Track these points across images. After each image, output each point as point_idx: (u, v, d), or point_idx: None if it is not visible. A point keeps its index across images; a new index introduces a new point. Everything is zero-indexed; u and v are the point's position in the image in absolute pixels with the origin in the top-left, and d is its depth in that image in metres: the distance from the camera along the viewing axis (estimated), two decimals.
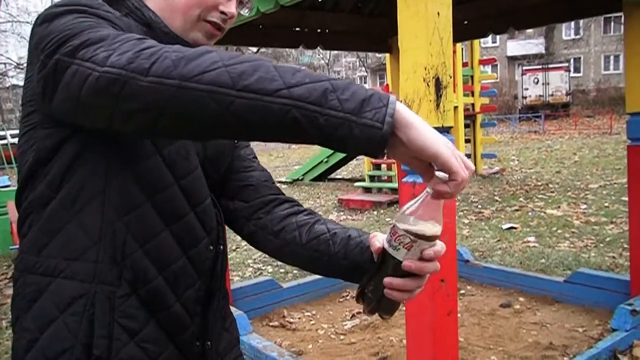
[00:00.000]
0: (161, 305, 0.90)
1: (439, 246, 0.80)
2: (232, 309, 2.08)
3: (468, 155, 10.08)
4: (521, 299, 3.86)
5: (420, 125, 0.71)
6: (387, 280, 0.80)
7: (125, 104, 0.70)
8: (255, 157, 1.14)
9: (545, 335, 3.25)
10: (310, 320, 3.72)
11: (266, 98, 0.67)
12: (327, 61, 43.79)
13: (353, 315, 3.75)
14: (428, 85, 2.00)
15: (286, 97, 0.67)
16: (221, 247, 1.01)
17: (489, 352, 3.09)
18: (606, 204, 6.79)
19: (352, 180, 11.20)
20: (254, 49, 24.81)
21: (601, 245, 5.14)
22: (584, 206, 6.90)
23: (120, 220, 0.86)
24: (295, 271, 4.92)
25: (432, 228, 0.77)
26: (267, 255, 4.35)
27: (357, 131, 0.68)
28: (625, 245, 4.58)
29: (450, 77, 2.04)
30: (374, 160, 9.38)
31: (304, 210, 1.08)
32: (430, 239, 0.78)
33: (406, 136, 0.71)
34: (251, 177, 1.10)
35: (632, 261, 3.36)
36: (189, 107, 0.68)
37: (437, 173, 0.74)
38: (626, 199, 3.45)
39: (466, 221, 6.62)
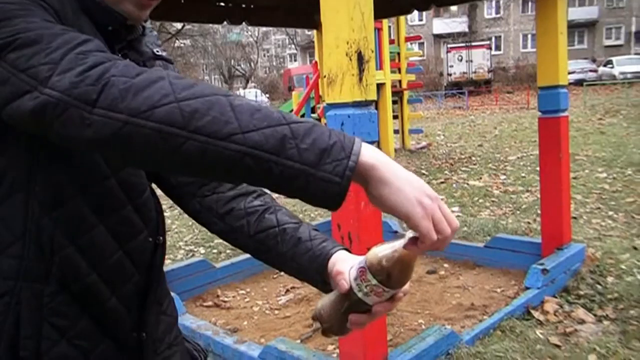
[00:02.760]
0: (96, 301, 0.85)
1: (407, 286, 0.80)
2: None
3: (396, 131, 10.34)
4: (446, 265, 4.07)
5: (393, 180, 0.68)
6: (353, 318, 0.81)
7: (62, 129, 0.65)
8: None
9: (467, 297, 3.45)
10: (245, 298, 3.75)
11: (219, 143, 0.63)
12: (255, 38, 43.12)
13: (287, 291, 3.82)
14: (351, 59, 2.04)
15: (240, 143, 0.63)
16: (161, 238, 0.96)
17: (417, 316, 3.26)
18: (523, 174, 7.21)
19: None
20: (179, 25, 24.01)
21: (518, 212, 5.48)
22: (503, 177, 7.30)
23: (47, 215, 0.78)
24: (228, 251, 4.91)
25: (407, 279, 0.78)
26: (198, 238, 4.34)
27: (314, 185, 0.65)
28: (539, 212, 4.90)
29: (372, 52, 2.10)
30: None
31: (253, 192, 1.01)
32: (403, 286, 0.79)
33: (377, 192, 0.68)
34: None
35: (543, 225, 3.63)
36: (135, 144, 0.64)
37: (409, 232, 0.73)
38: None
39: None
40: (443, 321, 3.08)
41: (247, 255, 4.22)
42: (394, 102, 10.16)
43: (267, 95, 33.59)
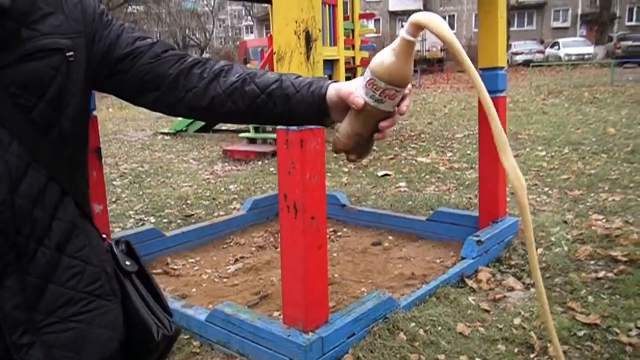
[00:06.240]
0: None
1: (410, 86, 0.88)
2: None
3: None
4: (390, 237, 4.26)
5: None
6: (384, 125, 0.89)
7: None
8: (138, 39, 1.00)
9: (408, 268, 3.64)
10: (195, 267, 3.82)
11: None
12: (211, 8, 42.09)
13: (236, 260, 3.92)
14: (299, 38, 2.13)
15: None
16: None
17: (360, 285, 3.42)
18: (469, 152, 7.49)
19: (237, 131, 11.18)
20: None
21: (461, 188, 5.73)
22: (450, 154, 7.56)
23: None
24: (179, 221, 4.95)
25: (412, 74, 0.86)
26: (149, 207, 4.37)
27: None
28: None
29: (320, 31, 2.18)
30: None
31: (220, 71, 1.00)
32: (409, 81, 0.88)
33: None
34: (142, 67, 0.99)
35: (481, 200, 3.85)
36: None
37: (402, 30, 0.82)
38: None
39: (346, 170, 6.99)
40: (385, 290, 3.25)
41: (198, 225, 4.33)
42: (348, 79, 10.24)
43: None
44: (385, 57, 0.85)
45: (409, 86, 0.88)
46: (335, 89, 0.93)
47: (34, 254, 0.92)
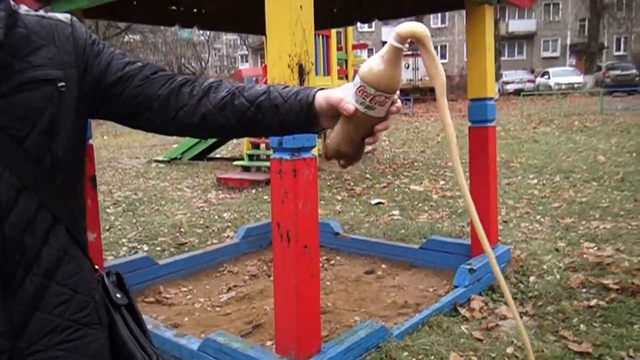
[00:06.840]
0: None
1: (398, 92, 0.92)
2: None
3: None
4: (383, 265, 4.26)
5: None
6: (378, 127, 0.92)
7: None
8: (128, 64, 1.03)
9: (401, 296, 3.65)
10: (187, 295, 3.81)
11: None
12: (207, 38, 42.62)
13: (229, 289, 3.91)
14: (292, 71, 2.19)
15: None
16: None
17: (353, 314, 3.42)
18: None
19: (231, 159, 11.24)
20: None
21: (454, 216, 5.76)
22: (443, 182, 7.62)
23: None
24: (172, 249, 4.95)
25: (400, 81, 0.89)
26: (142, 235, 4.38)
27: None
28: None
29: (312, 64, 2.25)
30: (252, 140, 9.50)
31: (209, 88, 1.03)
32: (398, 86, 0.90)
33: None
34: (133, 89, 1.01)
35: (472, 227, 3.88)
36: None
37: (390, 37, 0.84)
38: None
39: (339, 197, 7.02)
40: (378, 318, 3.24)
41: (191, 253, 4.33)
42: None
43: None
44: (374, 64, 0.87)
45: (397, 93, 0.91)
46: (325, 96, 0.95)
47: (22, 281, 0.92)
